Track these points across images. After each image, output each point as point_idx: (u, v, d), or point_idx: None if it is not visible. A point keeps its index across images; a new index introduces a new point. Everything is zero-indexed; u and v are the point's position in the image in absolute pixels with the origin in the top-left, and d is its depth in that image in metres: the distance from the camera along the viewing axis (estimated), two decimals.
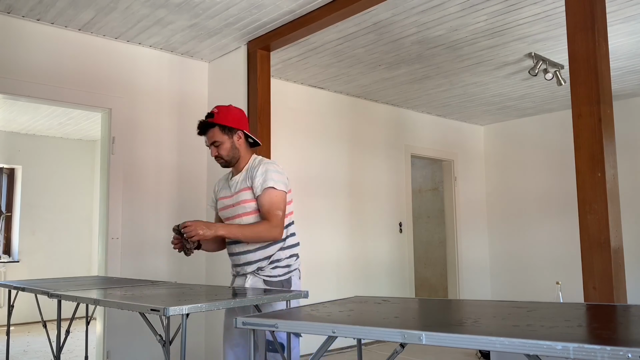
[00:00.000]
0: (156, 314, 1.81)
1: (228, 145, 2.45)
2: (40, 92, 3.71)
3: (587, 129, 2.45)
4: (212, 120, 2.45)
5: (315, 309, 1.87)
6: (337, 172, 5.40)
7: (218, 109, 2.48)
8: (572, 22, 2.56)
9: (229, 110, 2.49)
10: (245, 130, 2.49)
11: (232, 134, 2.45)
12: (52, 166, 7.28)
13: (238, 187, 2.44)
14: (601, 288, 2.34)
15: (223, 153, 2.45)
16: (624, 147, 5.84)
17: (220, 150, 2.45)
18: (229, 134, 2.44)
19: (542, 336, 1.19)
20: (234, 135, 2.45)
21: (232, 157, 2.47)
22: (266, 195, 2.33)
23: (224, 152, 2.45)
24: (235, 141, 2.46)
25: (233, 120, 2.46)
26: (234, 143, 2.46)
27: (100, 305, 2.04)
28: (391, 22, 3.77)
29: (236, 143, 2.46)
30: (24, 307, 6.67)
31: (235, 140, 2.46)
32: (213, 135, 2.45)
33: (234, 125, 2.45)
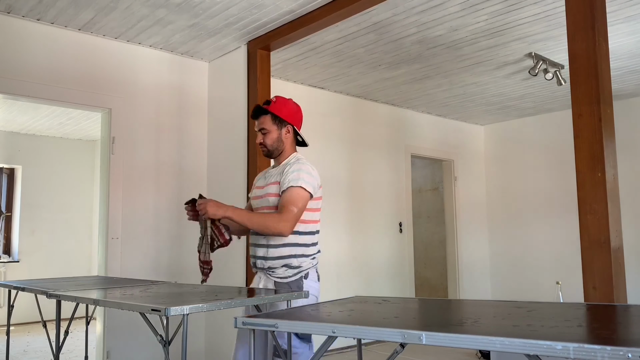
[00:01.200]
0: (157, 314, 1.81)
1: (275, 136, 2.43)
2: (40, 92, 3.71)
3: (587, 129, 2.45)
4: (267, 107, 2.43)
5: (315, 309, 1.87)
6: (337, 172, 5.40)
7: (277, 99, 2.47)
8: (572, 22, 2.56)
9: (286, 102, 2.48)
10: (296, 126, 2.48)
11: (282, 125, 2.44)
12: (52, 166, 7.28)
13: (270, 180, 2.43)
14: (601, 288, 2.34)
15: (267, 142, 2.43)
16: (624, 147, 5.84)
17: (265, 139, 2.43)
18: (279, 125, 2.43)
19: (542, 336, 1.19)
20: (283, 128, 2.44)
21: (275, 149, 2.45)
22: (288, 191, 2.30)
23: (269, 141, 2.43)
24: (283, 134, 2.44)
25: (287, 113, 2.45)
26: (280, 135, 2.44)
27: (100, 306, 2.04)
28: (391, 22, 3.77)
29: (283, 136, 2.45)
30: (24, 307, 6.67)
31: (283, 133, 2.44)
32: (264, 121, 2.43)
33: (286, 118, 2.44)
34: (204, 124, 4.54)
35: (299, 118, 2.51)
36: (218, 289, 2.59)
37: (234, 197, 4.17)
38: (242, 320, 1.68)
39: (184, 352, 1.85)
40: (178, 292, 2.50)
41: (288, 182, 2.30)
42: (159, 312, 1.78)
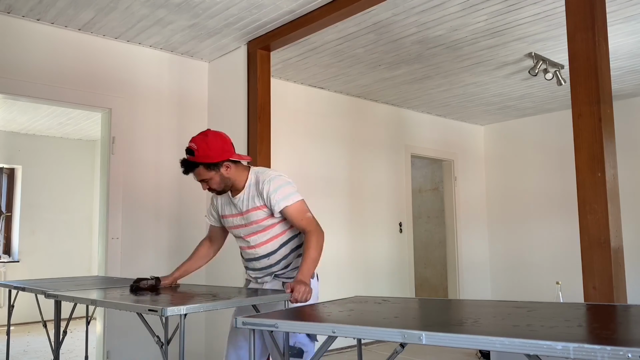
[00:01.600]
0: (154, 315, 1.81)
1: (217, 179, 2.37)
2: (40, 92, 3.71)
3: (587, 129, 2.45)
4: (193, 159, 2.32)
5: (315, 309, 1.87)
6: (337, 172, 5.40)
7: (197, 144, 2.33)
8: (572, 22, 2.56)
9: (208, 143, 2.34)
10: (230, 157, 2.37)
11: (218, 167, 2.35)
12: (52, 166, 7.28)
13: (247, 207, 2.40)
14: (601, 288, 2.34)
15: (214, 187, 2.39)
16: (624, 147, 5.84)
17: (211, 185, 2.39)
18: (215, 169, 2.34)
19: (542, 336, 1.19)
20: (220, 169, 2.35)
21: (225, 186, 2.41)
22: (290, 212, 2.33)
23: (215, 186, 2.39)
24: (224, 173, 2.36)
25: (215, 154, 2.33)
26: (222, 175, 2.36)
27: (98, 306, 2.04)
28: (391, 22, 3.77)
29: (225, 174, 2.37)
30: (24, 307, 6.67)
31: (224, 172, 2.36)
32: (199, 173, 2.35)
33: (217, 159, 2.33)
34: (203, 124, 4.54)
35: (228, 147, 2.40)
36: (217, 289, 2.59)
37: None
38: (242, 320, 1.69)
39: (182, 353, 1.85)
40: (177, 292, 2.50)
41: (281, 205, 2.33)
42: (156, 313, 1.77)
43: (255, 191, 2.37)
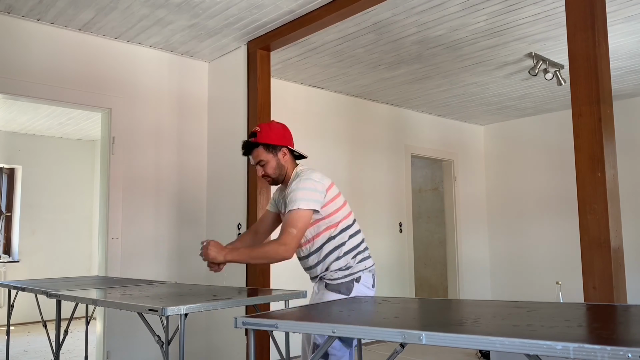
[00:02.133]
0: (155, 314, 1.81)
1: (274, 164, 2.40)
2: (40, 92, 3.71)
3: (587, 129, 2.45)
4: (255, 140, 2.39)
5: (315, 308, 1.87)
6: (337, 172, 5.40)
7: (260, 127, 2.42)
8: (572, 22, 2.56)
9: (271, 127, 2.43)
10: (289, 145, 2.44)
11: (276, 151, 2.39)
12: (52, 166, 7.28)
13: (282, 208, 2.43)
14: (601, 288, 2.34)
15: (269, 172, 2.41)
16: (624, 147, 5.84)
17: (266, 169, 2.40)
18: (274, 152, 2.39)
19: (542, 336, 1.19)
20: (278, 153, 2.40)
21: (279, 175, 2.43)
22: (287, 215, 2.27)
23: (271, 171, 2.40)
24: (281, 158, 2.40)
25: (276, 138, 2.40)
26: (279, 160, 2.40)
27: (99, 306, 2.05)
28: (391, 22, 3.77)
29: (281, 160, 2.41)
30: (24, 307, 6.67)
31: (281, 157, 2.40)
32: (258, 154, 2.39)
33: (277, 143, 2.39)
34: (203, 124, 4.54)
35: (288, 136, 2.47)
36: (218, 289, 2.59)
37: (234, 196, 4.17)
38: (243, 320, 1.69)
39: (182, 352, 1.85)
40: (177, 292, 2.50)
41: (288, 204, 2.28)
42: (156, 312, 1.78)
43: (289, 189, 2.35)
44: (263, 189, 3.99)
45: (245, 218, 4.04)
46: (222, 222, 4.27)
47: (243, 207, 4.07)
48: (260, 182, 3.99)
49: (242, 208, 4.08)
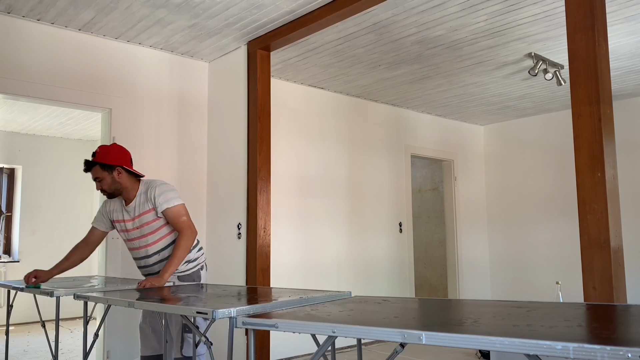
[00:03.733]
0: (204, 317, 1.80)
1: (109, 180, 2.83)
2: (40, 92, 3.71)
3: (587, 129, 2.45)
4: (93, 159, 2.83)
5: (315, 308, 1.87)
6: (337, 172, 5.40)
7: (99, 149, 2.85)
8: (572, 22, 2.56)
9: (109, 149, 2.86)
10: (125, 165, 2.85)
11: (111, 170, 2.82)
12: (52, 166, 7.28)
13: (139, 211, 2.86)
14: (601, 288, 2.34)
15: (105, 187, 2.84)
16: (624, 147, 5.85)
17: (102, 185, 2.84)
18: (109, 171, 2.82)
19: (542, 336, 1.19)
20: (113, 172, 2.82)
21: (115, 190, 2.86)
22: (169, 213, 2.80)
23: (106, 187, 2.84)
24: (116, 176, 2.83)
25: (113, 158, 2.82)
26: (114, 178, 2.83)
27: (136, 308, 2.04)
28: (391, 22, 3.77)
29: (116, 178, 2.83)
30: (24, 307, 6.67)
31: (115, 175, 2.83)
32: (95, 172, 2.83)
33: (112, 163, 2.82)
34: (203, 124, 4.54)
35: (125, 158, 2.88)
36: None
37: (234, 196, 4.17)
38: (243, 320, 1.69)
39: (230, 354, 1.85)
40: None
41: (163, 206, 2.80)
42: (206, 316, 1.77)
43: (145, 197, 2.84)
44: (263, 189, 3.99)
45: (245, 218, 4.04)
46: (222, 222, 4.28)
47: (243, 207, 4.08)
48: (261, 182, 3.99)
49: (242, 208, 4.09)
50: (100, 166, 2.82)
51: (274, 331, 3.30)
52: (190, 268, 2.95)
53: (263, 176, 4.00)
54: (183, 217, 2.81)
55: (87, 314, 2.61)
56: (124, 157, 2.89)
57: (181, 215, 2.81)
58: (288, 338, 4.72)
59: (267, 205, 4.00)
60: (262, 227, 3.94)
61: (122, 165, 2.85)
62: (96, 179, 2.83)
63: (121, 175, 2.85)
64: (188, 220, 2.82)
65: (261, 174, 4.00)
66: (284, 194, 4.91)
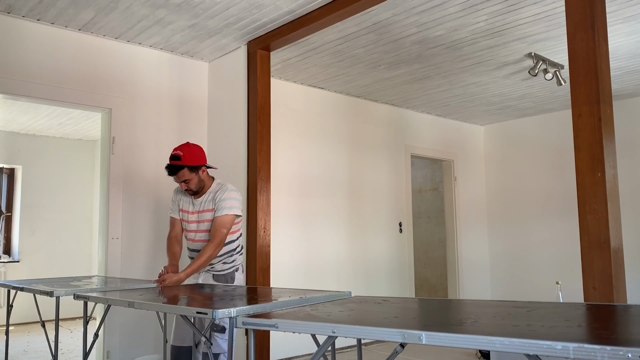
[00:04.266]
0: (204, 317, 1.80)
1: (196, 180, 2.98)
2: (40, 92, 3.71)
3: (587, 129, 2.45)
4: (180, 163, 2.93)
5: (315, 308, 1.87)
6: (337, 172, 5.40)
7: (182, 151, 2.94)
8: (572, 22, 2.56)
9: (192, 151, 2.97)
10: (206, 163, 3.02)
11: (198, 170, 2.97)
12: (52, 166, 7.28)
13: (203, 207, 3.03)
14: (601, 288, 2.34)
15: (192, 187, 2.99)
16: (624, 147, 5.85)
17: (190, 185, 2.97)
18: (196, 171, 2.97)
19: (542, 336, 1.19)
20: (199, 171, 2.98)
21: (200, 188, 3.02)
22: (219, 219, 2.93)
23: (193, 186, 2.98)
24: (201, 175, 2.99)
25: (197, 160, 2.96)
26: (200, 177, 2.99)
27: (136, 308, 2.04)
28: (391, 22, 3.77)
29: (202, 176, 3.00)
30: (24, 307, 6.67)
31: (201, 174, 2.99)
32: (183, 175, 2.95)
33: (198, 164, 2.97)
34: (203, 124, 4.54)
35: (204, 156, 3.03)
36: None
37: None
38: (243, 320, 1.69)
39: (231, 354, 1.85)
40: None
41: (220, 210, 2.94)
42: (206, 315, 1.78)
43: (213, 196, 3.00)
44: (263, 189, 3.99)
45: (245, 218, 4.04)
46: None
47: (243, 207, 4.07)
48: (261, 181, 3.99)
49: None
50: (189, 169, 2.94)
51: (274, 331, 3.31)
52: (225, 269, 3.05)
53: (263, 176, 4.00)
54: (223, 229, 2.90)
55: (87, 314, 2.61)
56: (203, 155, 3.03)
57: (223, 226, 2.91)
58: (288, 338, 4.71)
59: (267, 205, 4.00)
60: (262, 227, 3.94)
61: (205, 164, 3.02)
62: (184, 181, 2.96)
63: (204, 174, 3.02)
64: (225, 234, 2.91)
65: (261, 174, 4.00)
66: (284, 194, 4.91)
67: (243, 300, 2.07)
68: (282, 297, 2.15)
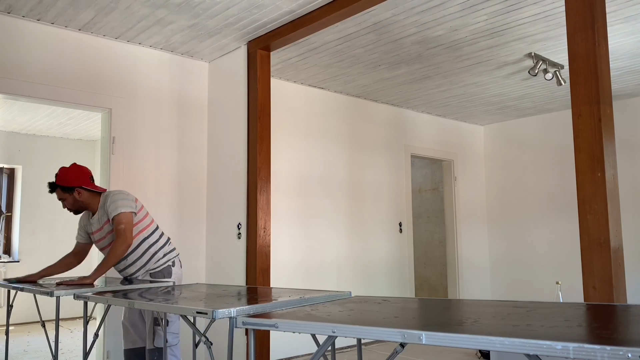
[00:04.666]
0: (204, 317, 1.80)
1: (71, 200, 3.07)
2: (40, 92, 3.71)
3: (587, 129, 2.45)
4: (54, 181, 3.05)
5: (315, 308, 1.87)
6: (336, 172, 5.40)
7: (59, 172, 3.06)
8: (572, 22, 2.56)
9: (67, 171, 3.06)
10: (83, 185, 3.07)
11: (71, 191, 3.05)
12: (52, 166, 7.28)
13: (101, 223, 3.09)
14: (601, 288, 2.34)
15: (68, 206, 3.08)
16: (624, 147, 5.85)
17: (66, 204, 3.08)
18: (69, 192, 3.05)
19: (542, 336, 1.19)
20: (73, 192, 3.05)
21: (78, 207, 3.10)
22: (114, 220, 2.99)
23: (69, 206, 3.08)
24: (76, 196, 3.06)
25: (72, 181, 3.03)
26: (75, 198, 3.06)
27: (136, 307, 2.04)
28: (391, 22, 3.77)
29: (77, 197, 3.06)
30: (24, 307, 6.68)
31: (76, 195, 3.06)
32: (58, 194, 3.07)
33: (71, 185, 3.04)
34: (204, 124, 4.54)
35: (83, 177, 3.08)
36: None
37: (234, 196, 4.17)
38: (243, 320, 1.69)
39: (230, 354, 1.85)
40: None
41: (111, 214, 3.00)
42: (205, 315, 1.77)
43: (103, 210, 3.06)
44: (263, 189, 3.99)
45: (245, 218, 4.04)
46: (222, 222, 4.28)
47: (243, 207, 4.08)
48: (261, 182, 3.99)
49: (242, 208, 4.09)
50: (61, 188, 3.04)
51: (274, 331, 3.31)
52: (160, 265, 3.13)
53: (263, 176, 4.00)
54: (120, 225, 2.95)
55: (87, 314, 2.61)
56: (83, 176, 3.09)
57: (119, 223, 2.96)
58: (288, 338, 4.72)
59: (267, 205, 4.00)
60: (262, 227, 3.94)
61: (81, 185, 3.07)
62: (60, 200, 3.07)
63: (81, 194, 3.07)
64: (125, 229, 2.96)
65: (261, 174, 4.00)
66: (284, 194, 4.91)
67: (243, 300, 2.07)
68: (282, 297, 2.15)
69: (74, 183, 3.05)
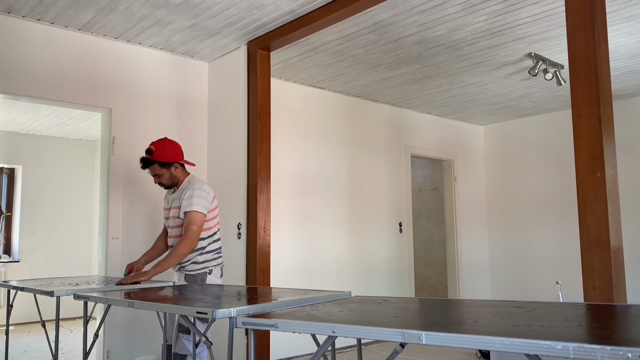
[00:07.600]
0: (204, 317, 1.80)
1: (167, 176, 3.03)
2: (40, 92, 3.71)
3: (587, 129, 2.45)
4: (151, 157, 2.99)
5: (315, 308, 1.87)
6: (336, 172, 5.40)
7: (155, 147, 2.99)
8: (572, 22, 2.56)
9: (165, 147, 3.00)
10: (180, 160, 3.04)
11: (169, 166, 3.01)
12: (52, 166, 7.28)
13: (171, 204, 3.07)
14: (601, 288, 2.34)
15: (163, 182, 3.04)
16: (624, 147, 5.85)
17: (161, 180, 3.03)
18: (167, 167, 3.01)
19: (542, 336, 1.19)
20: (170, 167, 3.02)
21: (172, 183, 3.07)
22: (187, 216, 2.92)
23: (164, 181, 3.04)
24: (173, 171, 3.03)
25: (169, 156, 2.99)
26: (172, 173, 3.03)
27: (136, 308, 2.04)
28: (391, 22, 3.77)
29: (174, 173, 3.04)
30: (24, 307, 6.67)
31: (173, 170, 3.03)
32: (154, 169, 3.01)
33: (170, 160, 3.00)
34: (203, 124, 4.54)
35: (179, 152, 3.05)
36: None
37: (234, 196, 4.17)
38: (243, 320, 1.69)
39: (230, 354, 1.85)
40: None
41: (184, 208, 2.93)
42: (205, 315, 1.77)
43: (181, 194, 2.99)
44: (263, 189, 3.99)
45: (245, 218, 4.04)
46: (222, 222, 4.28)
47: (243, 207, 4.08)
48: (261, 182, 3.99)
49: (242, 208, 4.09)
50: (159, 164, 2.98)
51: (274, 331, 3.31)
52: (196, 269, 3.01)
53: (263, 176, 4.00)
54: (192, 226, 2.89)
55: (87, 314, 2.61)
56: (179, 151, 3.06)
57: (191, 223, 2.89)
58: (288, 338, 4.72)
59: (267, 205, 4.00)
60: (262, 227, 3.94)
61: (178, 160, 3.04)
62: (155, 175, 3.01)
63: (178, 169, 3.04)
64: (195, 231, 2.89)
65: (261, 174, 4.00)
66: (284, 194, 4.91)
67: (243, 300, 2.07)
68: (282, 297, 2.15)
69: (172, 158, 3.01)
